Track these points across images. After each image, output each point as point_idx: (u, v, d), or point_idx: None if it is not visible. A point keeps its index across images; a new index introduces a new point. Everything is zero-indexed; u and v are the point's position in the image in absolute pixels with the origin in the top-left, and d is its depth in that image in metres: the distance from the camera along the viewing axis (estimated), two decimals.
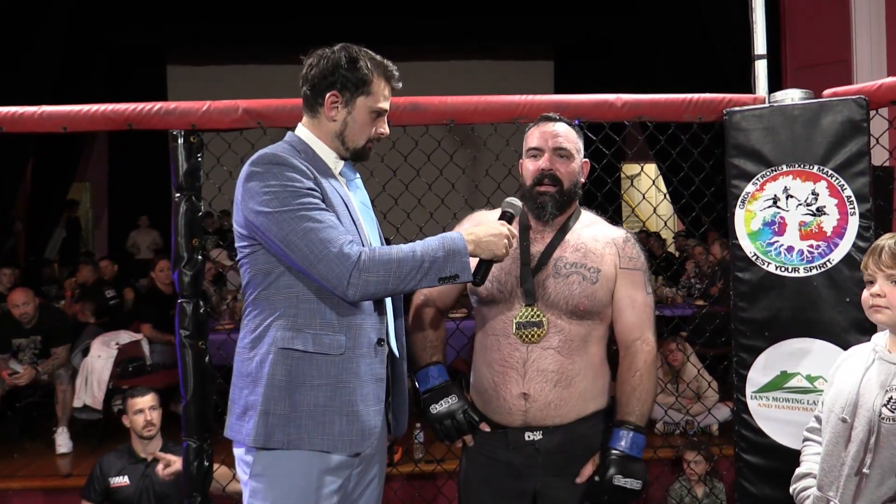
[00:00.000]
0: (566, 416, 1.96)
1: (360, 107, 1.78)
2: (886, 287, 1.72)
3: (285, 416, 1.67)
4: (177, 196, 2.50)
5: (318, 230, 1.63)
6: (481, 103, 2.56)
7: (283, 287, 1.71)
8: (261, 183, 1.67)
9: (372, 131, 1.81)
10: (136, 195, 10.23)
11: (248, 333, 1.74)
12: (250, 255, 1.74)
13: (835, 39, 6.19)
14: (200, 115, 2.51)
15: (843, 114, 2.32)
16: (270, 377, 1.68)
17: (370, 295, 1.67)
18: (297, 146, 1.78)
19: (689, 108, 2.56)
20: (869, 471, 1.66)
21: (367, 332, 1.74)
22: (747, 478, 2.45)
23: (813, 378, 2.32)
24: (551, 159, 1.99)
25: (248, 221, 1.70)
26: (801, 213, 2.36)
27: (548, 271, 1.98)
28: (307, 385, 1.68)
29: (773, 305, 2.39)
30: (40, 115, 2.53)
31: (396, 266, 1.65)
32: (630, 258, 2.04)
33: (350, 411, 1.69)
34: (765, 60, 2.59)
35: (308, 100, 1.81)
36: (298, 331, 1.69)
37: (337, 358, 1.69)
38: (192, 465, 2.49)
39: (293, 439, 1.67)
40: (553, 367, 1.95)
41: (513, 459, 1.98)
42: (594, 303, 1.97)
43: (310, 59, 1.81)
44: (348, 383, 1.70)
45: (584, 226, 2.07)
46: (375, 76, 1.78)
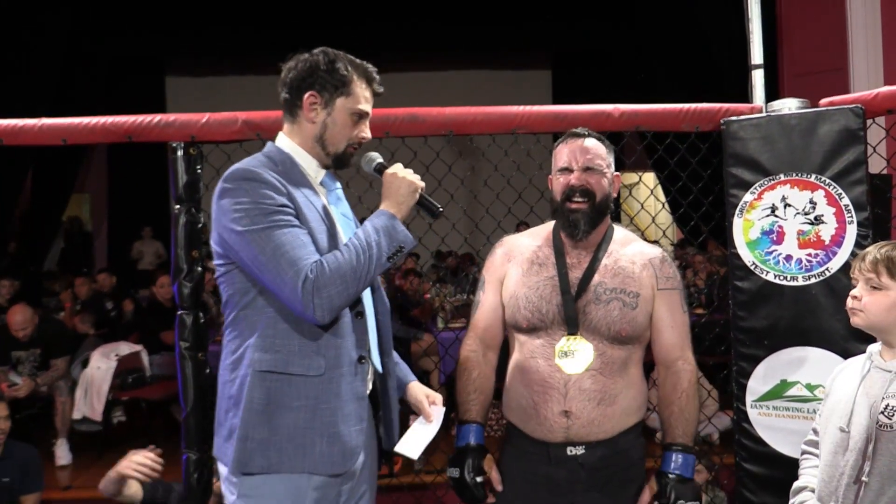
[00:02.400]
0: (608, 432, 1.93)
1: (339, 108, 1.74)
2: (864, 291, 1.75)
3: (265, 440, 1.63)
4: (176, 208, 2.51)
5: (286, 250, 1.59)
6: (479, 114, 2.57)
7: (261, 307, 1.67)
8: (232, 200, 1.63)
9: (353, 134, 1.77)
10: (135, 207, 10.24)
11: (229, 354, 1.71)
12: (227, 274, 1.70)
13: (831, 48, 6.22)
14: (200, 127, 2.52)
15: (840, 123, 2.33)
16: (249, 401, 1.64)
17: (338, 309, 1.63)
18: (275, 157, 1.74)
19: (687, 117, 2.57)
20: (868, 478, 1.66)
21: (348, 350, 1.70)
22: (748, 487, 2.45)
23: (813, 386, 2.32)
24: (580, 175, 1.95)
25: (223, 239, 1.66)
26: (799, 222, 2.37)
27: (588, 297, 1.94)
28: (286, 407, 1.64)
29: (772, 314, 2.39)
30: (40, 127, 2.53)
31: (350, 269, 1.61)
32: (668, 278, 2.01)
33: (331, 432, 1.66)
34: (762, 70, 2.61)
35: (287, 104, 1.78)
36: (277, 352, 1.65)
37: (316, 379, 1.65)
38: (193, 477, 2.48)
39: (273, 463, 1.63)
40: (595, 388, 1.91)
41: (554, 474, 1.94)
42: (635, 328, 1.94)
43: (288, 62, 1.78)
44: (328, 404, 1.66)
45: (620, 245, 2.02)
46: (355, 77, 1.75)
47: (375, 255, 1.65)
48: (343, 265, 1.61)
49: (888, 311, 1.72)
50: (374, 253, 1.65)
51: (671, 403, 1.97)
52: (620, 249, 2.01)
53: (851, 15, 6.10)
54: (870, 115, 2.37)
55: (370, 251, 1.64)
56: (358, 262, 1.62)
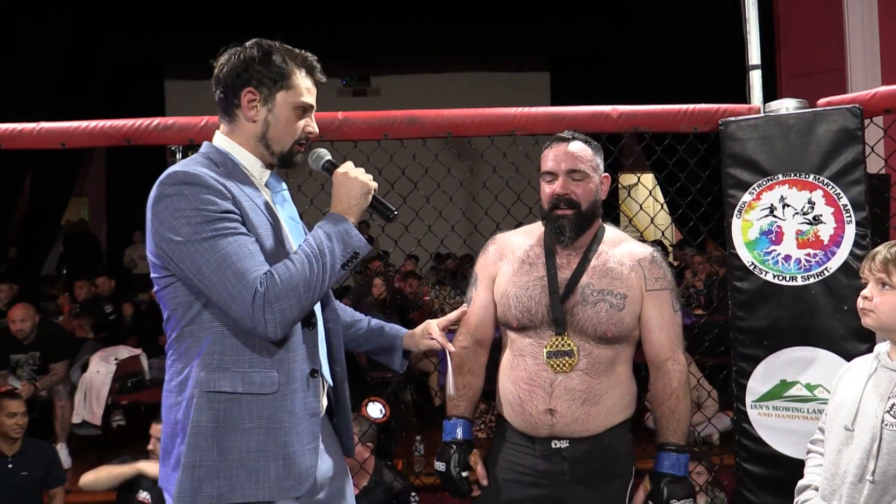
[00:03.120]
0: (593, 430, 1.95)
1: (280, 103, 1.60)
2: (875, 290, 1.74)
3: (213, 467, 1.50)
4: None
5: (232, 261, 1.46)
6: (478, 116, 2.57)
7: (207, 321, 1.53)
8: (171, 207, 1.49)
9: (298, 130, 1.63)
10: (134, 210, 10.20)
11: (175, 375, 1.56)
12: (167, 288, 1.56)
13: (829, 48, 6.23)
14: (198, 130, 2.52)
15: (838, 123, 2.33)
16: (196, 425, 1.50)
17: (291, 323, 1.51)
18: (214, 158, 1.60)
19: (685, 118, 2.58)
20: (872, 477, 1.66)
21: (300, 364, 1.59)
22: (748, 487, 2.45)
23: (813, 386, 2.32)
24: (565, 183, 1.96)
25: (161, 250, 1.51)
26: (797, 222, 2.37)
27: (576, 298, 1.95)
28: (237, 430, 1.51)
29: (771, 314, 2.39)
30: (39, 131, 2.53)
31: (302, 280, 1.49)
32: (656, 279, 2.01)
33: (285, 454, 1.54)
34: (759, 70, 2.61)
35: (223, 102, 1.63)
36: (225, 370, 1.52)
37: (269, 397, 1.53)
38: None
39: (224, 493, 1.50)
40: (581, 387, 1.93)
41: (539, 466, 1.97)
42: (621, 329, 1.95)
43: (220, 58, 1.64)
44: (282, 423, 1.54)
45: (610, 245, 2.03)
46: (294, 68, 1.61)
47: (329, 263, 1.53)
48: (295, 276, 1.49)
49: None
50: (327, 261, 1.53)
51: (662, 404, 1.99)
52: (610, 250, 2.02)
53: (848, 15, 6.11)
54: (867, 115, 2.38)
55: (323, 259, 1.52)
56: (311, 272, 1.50)
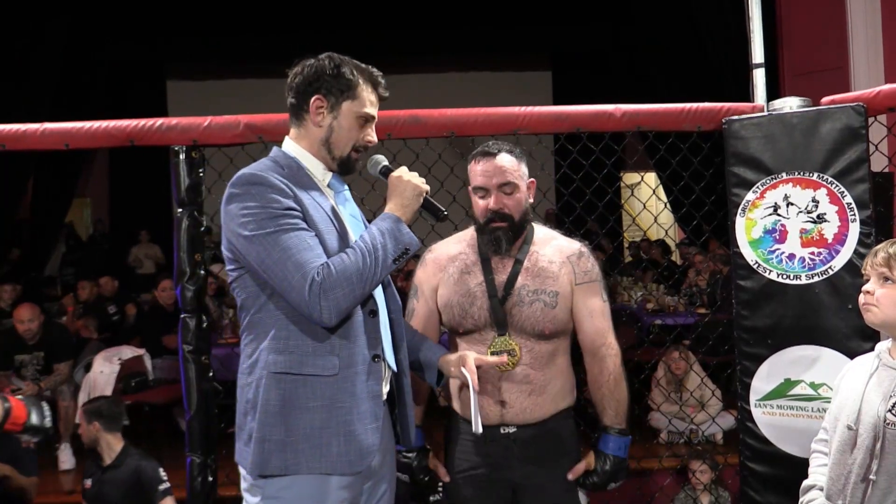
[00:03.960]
0: (539, 417, 2.07)
1: (345, 112, 1.75)
2: (877, 286, 1.74)
3: (281, 441, 1.65)
4: (179, 211, 2.51)
5: (292, 253, 1.61)
6: (481, 115, 2.57)
7: (273, 310, 1.68)
8: (239, 205, 1.65)
9: (359, 138, 1.77)
10: (137, 211, 10.24)
11: (246, 358, 1.73)
12: (239, 279, 1.72)
13: (831, 47, 6.22)
14: (202, 130, 2.52)
15: (842, 121, 2.33)
16: (265, 403, 1.66)
17: (345, 311, 1.64)
18: (281, 161, 1.75)
19: (688, 117, 2.57)
20: (875, 477, 1.66)
21: (361, 349, 1.71)
22: (753, 486, 2.44)
23: (817, 385, 2.32)
24: (497, 198, 2.04)
25: (231, 245, 1.68)
26: (801, 221, 2.36)
27: (513, 300, 2.06)
28: (302, 408, 1.65)
29: (775, 313, 2.39)
30: (42, 132, 2.54)
31: (356, 272, 1.62)
32: (585, 272, 2.10)
33: (347, 431, 1.67)
34: (763, 69, 2.61)
35: (294, 108, 1.79)
36: (290, 353, 1.66)
37: (331, 378, 1.67)
38: (196, 481, 2.48)
39: (290, 464, 1.65)
40: (527, 381, 2.05)
41: (490, 451, 2.07)
42: (556, 325, 2.06)
43: (295, 68, 1.79)
44: (344, 403, 1.67)
45: (540, 245, 2.13)
46: (361, 81, 1.75)
47: (381, 257, 1.66)
48: (349, 267, 1.62)
49: None
50: (379, 255, 1.66)
51: (600, 386, 2.09)
52: (541, 250, 2.12)
53: (851, 13, 6.10)
54: (871, 113, 2.37)
55: (376, 253, 1.66)
56: (364, 265, 1.64)
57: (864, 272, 1.79)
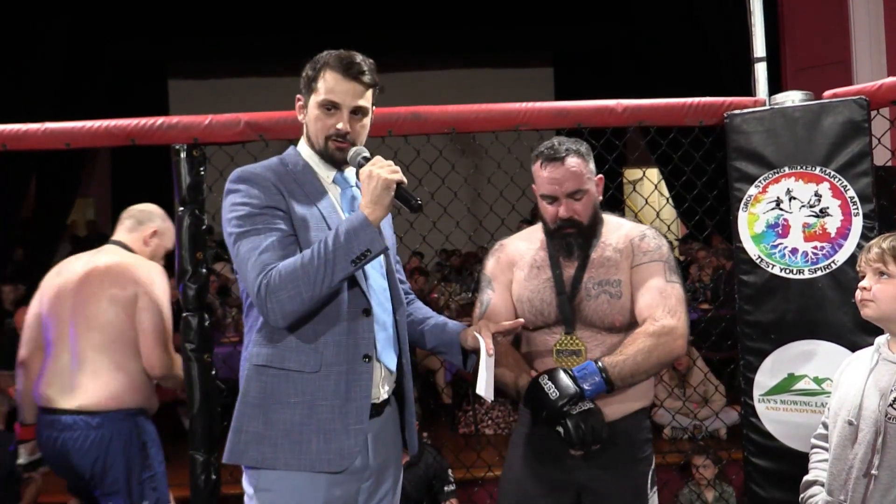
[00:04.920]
0: (610, 415, 1.94)
1: (311, 104, 1.76)
2: (873, 281, 1.74)
3: (258, 433, 1.65)
4: (180, 210, 2.51)
5: (255, 254, 1.62)
6: (482, 111, 2.56)
7: None
8: (229, 199, 1.70)
9: (327, 126, 1.73)
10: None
11: (244, 351, 1.76)
12: (238, 274, 1.74)
13: (834, 40, 6.20)
14: (203, 129, 2.52)
15: (844, 115, 2.32)
16: (244, 394, 1.68)
17: (290, 314, 1.60)
18: (287, 160, 1.78)
19: (690, 112, 2.57)
20: (877, 472, 1.65)
21: (348, 348, 1.68)
22: (757, 482, 2.44)
23: (820, 380, 2.32)
24: (567, 205, 1.97)
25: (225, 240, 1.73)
26: (804, 215, 2.36)
27: (581, 294, 1.99)
28: (282, 403, 1.65)
29: (778, 308, 2.38)
30: (44, 131, 2.54)
31: (301, 272, 1.58)
32: (644, 252, 2.00)
33: (327, 430, 1.65)
34: (764, 63, 2.60)
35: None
36: (273, 347, 1.67)
37: (312, 375, 1.66)
38: (199, 479, 2.48)
39: (268, 458, 1.64)
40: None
41: (558, 450, 1.96)
42: (626, 316, 1.98)
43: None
44: (325, 401, 1.65)
45: (608, 235, 2.05)
46: (326, 70, 1.73)
47: (332, 259, 1.59)
48: (296, 270, 1.59)
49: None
50: (331, 257, 1.59)
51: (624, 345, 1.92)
52: (608, 239, 2.04)
53: (853, 7, 6.08)
54: (874, 107, 2.37)
55: (327, 255, 1.59)
56: (311, 266, 1.59)
57: (860, 268, 1.79)
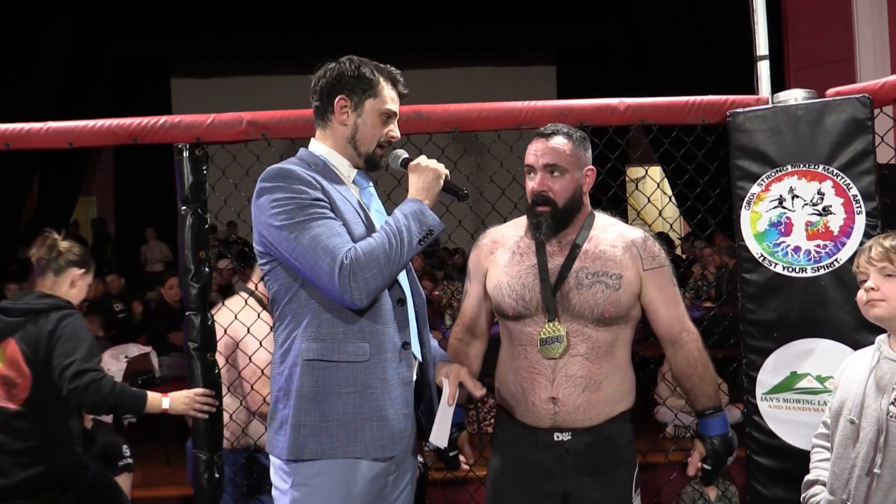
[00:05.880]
0: (595, 418, 1.97)
1: (368, 109, 1.82)
2: (879, 281, 1.73)
3: (316, 426, 1.70)
4: (183, 209, 2.51)
5: (322, 240, 1.66)
6: (484, 110, 2.56)
7: (304, 299, 1.74)
8: (270, 197, 1.72)
9: (382, 133, 1.84)
10: (142, 208, 10.26)
11: (278, 347, 1.79)
12: (271, 272, 1.77)
13: (837, 38, 6.18)
14: (205, 128, 2.52)
15: (848, 113, 2.32)
16: (299, 389, 1.71)
17: (374, 292, 1.69)
18: (307, 160, 1.82)
19: (693, 110, 2.56)
20: (880, 470, 1.65)
21: (391, 336, 1.76)
22: (759, 480, 2.44)
23: (823, 378, 2.31)
24: (542, 178, 1.99)
25: (263, 237, 1.74)
26: (807, 213, 2.35)
27: (570, 284, 1.98)
28: (336, 394, 1.71)
29: (781, 306, 2.38)
30: (46, 130, 2.54)
31: (383, 253, 1.68)
32: (653, 257, 2.02)
33: (379, 416, 1.72)
34: (767, 61, 2.59)
35: (319, 110, 1.86)
36: (322, 341, 1.71)
37: (363, 364, 1.72)
38: (203, 478, 2.49)
39: (326, 449, 1.69)
40: (581, 373, 1.95)
41: (543, 459, 1.98)
42: (619, 309, 1.97)
43: (317, 72, 1.86)
44: (375, 389, 1.72)
45: (600, 230, 2.05)
46: (381, 79, 1.83)
47: (406, 239, 1.71)
48: (376, 249, 1.68)
49: None
50: (404, 237, 1.71)
51: (690, 376, 2.04)
52: (601, 235, 2.04)
53: (857, 4, 6.06)
54: (877, 105, 2.36)
55: (401, 235, 1.71)
56: (390, 246, 1.69)
57: (858, 270, 1.79)
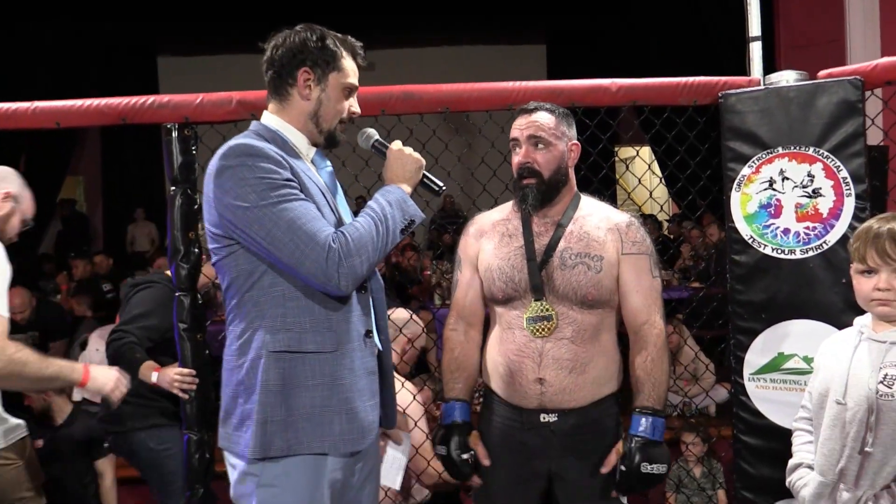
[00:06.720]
0: (580, 400, 1.98)
1: (332, 84, 1.72)
2: (894, 280, 1.68)
3: (283, 421, 1.61)
4: (172, 189, 2.50)
5: (302, 223, 1.57)
6: (475, 90, 2.55)
7: (268, 286, 1.63)
8: (235, 177, 1.58)
9: (345, 110, 1.76)
10: (130, 188, 10.18)
11: (235, 339, 1.67)
12: (229, 257, 1.65)
13: (828, 20, 6.18)
14: (194, 107, 2.50)
15: (839, 95, 2.32)
16: (264, 383, 1.61)
17: (360, 279, 1.63)
18: (264, 134, 1.70)
19: (684, 91, 2.56)
20: (871, 449, 1.67)
21: (356, 325, 1.69)
22: (746, 459, 2.47)
23: (810, 359, 2.33)
24: (527, 151, 2.00)
25: (225, 220, 1.61)
26: (797, 195, 2.36)
27: (554, 264, 1.98)
28: (302, 386, 1.62)
29: (769, 287, 2.40)
30: (34, 110, 2.51)
31: (371, 240, 1.62)
32: (634, 242, 2.02)
33: (348, 409, 1.65)
34: (759, 42, 2.58)
35: (276, 82, 1.73)
36: (288, 331, 1.62)
37: (330, 355, 1.64)
38: (194, 458, 2.49)
39: (293, 444, 1.61)
40: (568, 356, 1.96)
41: (528, 440, 2.00)
42: (601, 291, 1.97)
43: (272, 41, 1.74)
44: (344, 380, 1.65)
45: (587, 213, 2.06)
46: (344, 51, 1.74)
47: (391, 227, 1.66)
48: (364, 235, 1.62)
49: None
50: (389, 224, 1.66)
51: (638, 368, 2.00)
52: (587, 216, 2.05)
53: None
54: (868, 87, 2.36)
55: (386, 223, 1.65)
56: (377, 233, 1.64)
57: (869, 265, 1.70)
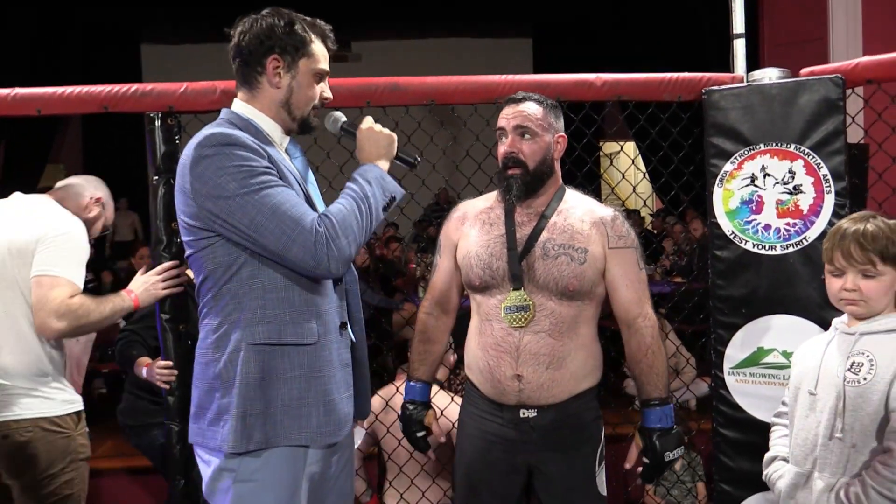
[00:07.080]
0: (559, 395, 1.98)
1: (303, 70, 1.68)
2: (859, 281, 1.73)
3: (261, 414, 1.58)
4: (155, 179, 2.48)
5: (286, 209, 1.54)
6: (461, 83, 2.55)
7: (247, 278, 1.60)
8: (213, 166, 1.54)
9: (316, 95, 1.72)
10: (112, 177, 10.05)
11: (210, 333, 1.64)
12: (206, 249, 1.61)
13: (811, 18, 6.23)
14: (178, 96, 2.48)
15: (820, 93, 2.34)
16: (244, 377, 1.58)
17: (349, 261, 1.62)
18: (237, 123, 1.66)
19: (669, 87, 2.57)
20: (842, 434, 1.71)
21: (333, 316, 1.68)
22: (725, 452, 2.50)
23: (789, 353, 2.36)
24: (513, 140, 2.00)
25: (204, 210, 1.56)
26: (778, 192, 2.39)
27: (536, 254, 1.98)
28: (280, 379, 1.60)
29: (750, 283, 2.42)
30: (13, 97, 2.48)
31: (355, 220, 1.60)
32: (620, 236, 2.02)
33: (326, 401, 1.63)
34: (743, 39, 2.60)
35: (244, 71, 1.69)
36: (268, 323, 1.59)
37: (310, 347, 1.62)
38: (176, 448, 2.48)
39: (270, 437, 1.59)
40: (545, 351, 1.96)
41: (508, 434, 2.01)
42: (583, 283, 1.97)
43: (239, 26, 1.69)
44: (321, 372, 1.63)
45: (571, 206, 2.06)
46: (313, 36, 1.70)
47: (373, 206, 1.64)
48: (348, 216, 1.60)
49: (886, 294, 1.73)
50: (371, 203, 1.64)
51: (639, 362, 2.02)
52: (571, 209, 2.06)
53: None
54: (849, 85, 2.39)
55: (368, 202, 1.63)
56: (360, 213, 1.61)
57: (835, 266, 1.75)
